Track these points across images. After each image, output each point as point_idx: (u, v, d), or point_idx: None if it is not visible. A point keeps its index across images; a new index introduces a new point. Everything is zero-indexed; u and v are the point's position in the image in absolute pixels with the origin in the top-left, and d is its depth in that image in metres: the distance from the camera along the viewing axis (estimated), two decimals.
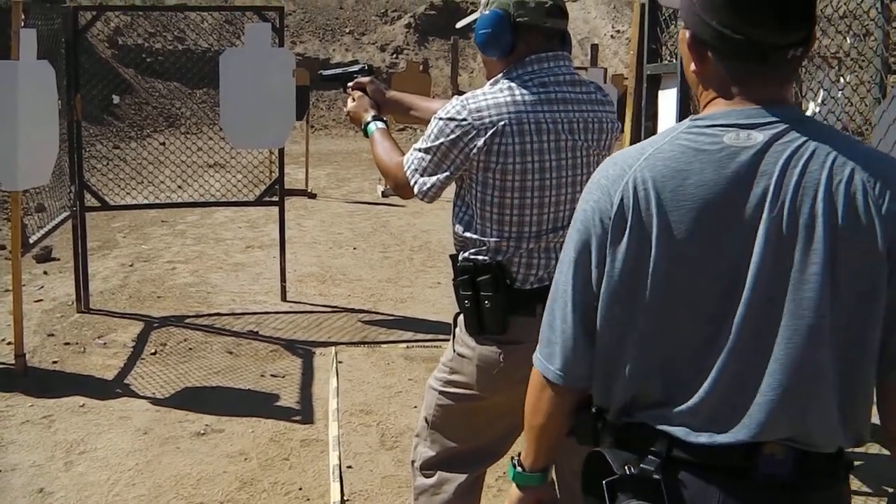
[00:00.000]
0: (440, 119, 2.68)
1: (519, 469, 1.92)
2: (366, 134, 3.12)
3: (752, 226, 1.56)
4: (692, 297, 1.60)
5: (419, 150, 2.75)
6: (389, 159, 2.93)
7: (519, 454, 1.95)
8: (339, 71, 3.44)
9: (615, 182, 1.65)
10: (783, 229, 1.54)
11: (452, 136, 2.64)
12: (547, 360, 1.78)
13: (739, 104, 1.62)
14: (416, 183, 2.77)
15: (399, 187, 2.88)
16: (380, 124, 3.10)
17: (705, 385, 1.60)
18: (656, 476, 1.61)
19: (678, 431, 1.63)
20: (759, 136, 1.57)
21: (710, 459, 1.61)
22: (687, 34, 1.67)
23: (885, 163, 1.59)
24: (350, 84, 3.28)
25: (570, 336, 1.74)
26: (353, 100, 3.22)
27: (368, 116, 3.13)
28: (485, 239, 2.69)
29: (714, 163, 1.58)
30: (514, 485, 1.95)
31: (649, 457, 1.64)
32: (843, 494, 1.68)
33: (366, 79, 3.27)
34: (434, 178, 2.72)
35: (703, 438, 1.61)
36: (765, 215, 1.55)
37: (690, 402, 1.62)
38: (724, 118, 1.61)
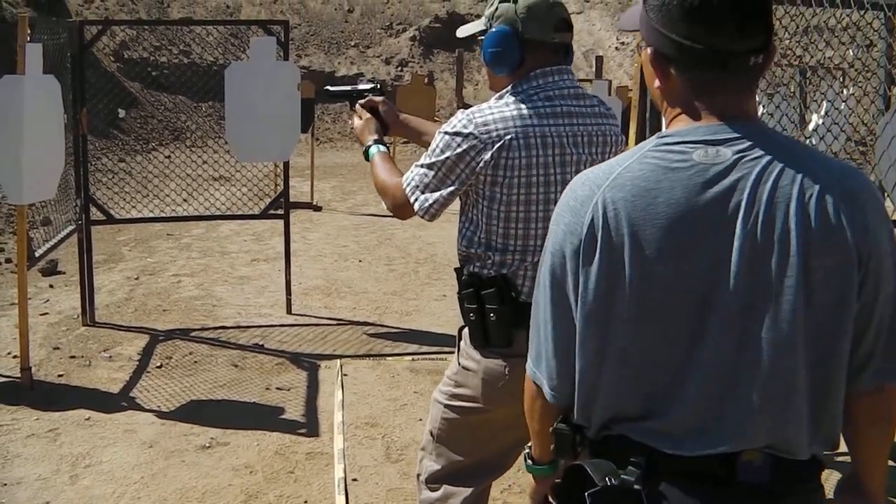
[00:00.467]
0: (446, 133, 2.68)
1: (529, 462, 2.01)
2: (367, 156, 3.11)
3: (725, 241, 1.59)
4: (666, 314, 1.63)
5: (422, 165, 2.75)
6: (389, 179, 2.91)
7: (530, 446, 2.02)
8: (348, 88, 3.38)
9: (584, 203, 1.68)
10: (757, 243, 1.57)
11: (459, 151, 2.64)
12: (539, 371, 1.83)
13: (705, 119, 1.65)
14: (416, 200, 2.76)
15: (397, 207, 2.87)
16: (382, 148, 3.08)
17: (684, 398, 1.63)
18: (637, 487, 1.63)
19: (658, 443, 1.65)
20: (728, 153, 1.60)
21: (690, 469, 1.63)
22: (649, 51, 1.70)
23: (854, 175, 1.62)
24: (361, 102, 3.26)
25: (552, 357, 1.78)
26: (360, 118, 3.20)
27: (371, 139, 3.11)
28: (490, 253, 2.69)
29: (684, 180, 1.60)
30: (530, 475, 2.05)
31: (630, 468, 1.66)
32: (817, 500, 1.71)
33: (378, 98, 3.25)
34: (437, 195, 2.72)
35: (683, 450, 1.63)
36: (738, 230, 1.58)
37: (670, 416, 1.64)
38: (691, 135, 1.64)
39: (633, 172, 1.64)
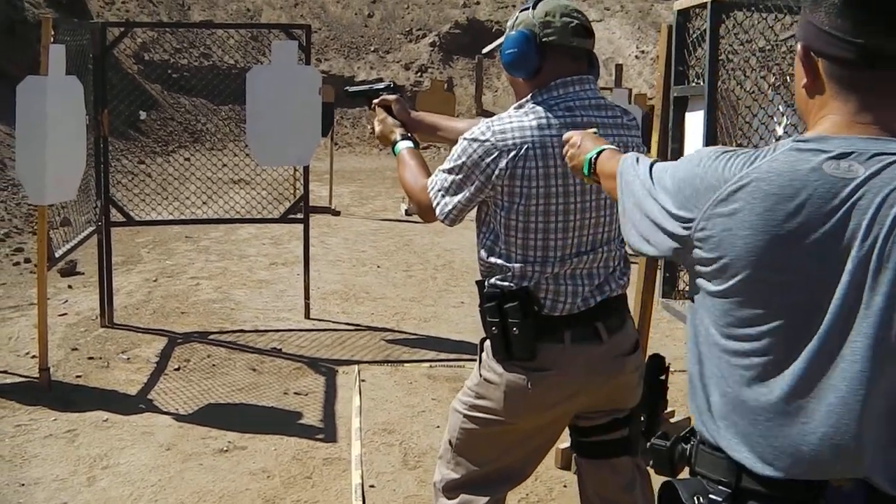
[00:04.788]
0: (465, 139, 2.70)
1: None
2: (394, 152, 3.11)
3: (839, 260, 1.51)
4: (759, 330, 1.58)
5: (443, 170, 2.76)
6: (415, 181, 2.91)
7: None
8: (364, 87, 3.43)
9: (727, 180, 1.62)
10: (869, 269, 1.49)
11: (475, 157, 2.65)
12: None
13: (846, 128, 1.57)
14: (438, 204, 2.77)
15: (423, 210, 2.88)
16: (408, 143, 3.08)
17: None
18: None
19: (748, 460, 1.60)
20: (860, 169, 1.51)
21: (777, 492, 1.58)
22: (799, 46, 1.64)
23: None
24: (375, 101, 3.27)
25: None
26: (379, 121, 3.20)
27: (396, 136, 3.12)
28: (509, 264, 2.68)
29: (809, 191, 1.52)
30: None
31: (719, 487, 1.63)
32: None
33: (392, 97, 3.25)
34: (455, 200, 2.72)
35: (769, 470, 1.58)
36: (853, 252, 1.50)
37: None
38: (827, 144, 1.56)
39: (760, 174, 1.57)
